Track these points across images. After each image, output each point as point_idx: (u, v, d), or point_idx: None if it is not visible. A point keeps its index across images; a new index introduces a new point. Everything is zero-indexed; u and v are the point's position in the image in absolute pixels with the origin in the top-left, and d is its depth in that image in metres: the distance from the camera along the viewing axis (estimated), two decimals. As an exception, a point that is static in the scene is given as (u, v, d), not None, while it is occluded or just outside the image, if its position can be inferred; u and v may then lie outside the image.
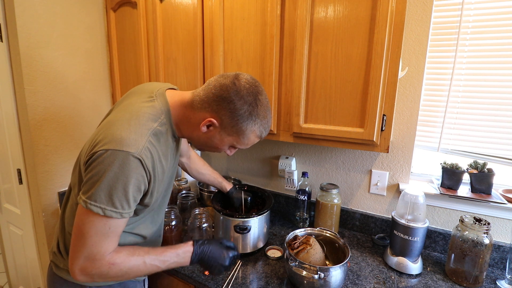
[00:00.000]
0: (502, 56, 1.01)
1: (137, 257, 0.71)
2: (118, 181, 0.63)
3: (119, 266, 0.68)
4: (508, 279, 0.96)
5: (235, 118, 0.71)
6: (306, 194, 1.32)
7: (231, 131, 0.73)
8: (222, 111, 0.70)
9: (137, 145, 0.65)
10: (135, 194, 0.67)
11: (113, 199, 0.64)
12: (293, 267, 0.91)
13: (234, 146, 0.79)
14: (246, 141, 0.76)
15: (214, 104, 0.71)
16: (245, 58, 1.13)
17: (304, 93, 1.02)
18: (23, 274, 1.75)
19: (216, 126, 0.72)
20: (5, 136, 1.49)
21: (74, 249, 0.66)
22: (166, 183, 0.84)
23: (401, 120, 1.18)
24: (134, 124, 0.68)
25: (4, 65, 1.34)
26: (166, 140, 0.75)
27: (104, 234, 0.66)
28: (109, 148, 0.63)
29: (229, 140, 0.76)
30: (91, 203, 0.63)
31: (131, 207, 0.67)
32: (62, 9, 1.40)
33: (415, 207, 1.01)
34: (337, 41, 0.94)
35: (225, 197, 1.21)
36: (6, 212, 1.67)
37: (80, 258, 0.66)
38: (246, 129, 0.73)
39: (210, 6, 1.16)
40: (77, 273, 0.66)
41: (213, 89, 0.71)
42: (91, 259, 0.66)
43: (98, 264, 0.66)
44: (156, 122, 0.71)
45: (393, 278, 1.00)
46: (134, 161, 0.64)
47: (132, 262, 0.70)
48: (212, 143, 0.77)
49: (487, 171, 1.07)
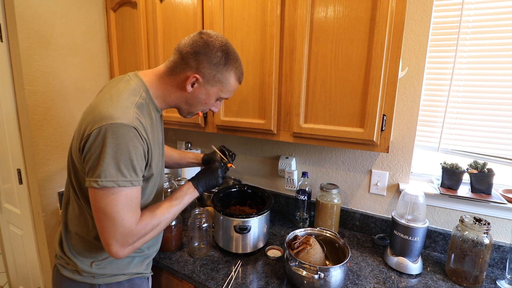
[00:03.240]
0: (502, 56, 1.01)
1: (160, 210, 0.78)
2: (121, 152, 0.65)
3: (150, 223, 0.74)
4: (508, 279, 0.96)
5: (214, 67, 0.76)
6: (306, 194, 1.32)
7: (214, 82, 0.79)
8: (201, 64, 0.75)
9: (127, 116, 0.68)
10: (140, 162, 0.70)
11: (122, 169, 0.66)
12: (293, 267, 0.91)
13: (220, 97, 0.84)
14: (229, 87, 0.82)
15: (192, 61, 0.75)
16: (245, 58, 1.13)
17: (304, 93, 1.02)
18: (23, 274, 1.75)
19: (199, 81, 0.77)
20: (5, 136, 1.49)
21: (106, 232, 0.68)
22: (159, 158, 0.86)
23: (401, 120, 1.18)
24: (117, 101, 0.70)
25: (4, 65, 1.34)
26: (149, 113, 0.78)
27: (128, 206, 0.69)
28: (101, 125, 0.65)
29: (215, 92, 0.81)
30: (102, 180, 0.65)
31: (138, 176, 0.70)
32: (62, 9, 1.40)
33: (415, 207, 1.01)
34: (337, 41, 0.94)
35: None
36: (6, 212, 1.67)
37: (116, 237, 0.68)
38: (226, 75, 0.79)
39: (210, 6, 1.17)
40: (120, 251, 0.69)
41: (186, 48, 0.76)
42: (126, 232, 0.69)
43: (134, 233, 0.70)
44: (136, 96, 0.74)
45: (393, 278, 1.00)
46: (130, 130, 0.67)
47: (158, 215, 0.77)
48: (200, 100, 0.81)
49: (487, 171, 1.07)
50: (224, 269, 1.04)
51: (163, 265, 1.08)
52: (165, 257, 1.11)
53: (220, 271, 1.03)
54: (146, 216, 0.75)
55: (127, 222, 0.69)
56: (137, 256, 0.88)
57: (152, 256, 0.96)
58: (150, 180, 0.81)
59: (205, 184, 0.91)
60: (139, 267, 0.89)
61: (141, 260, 0.90)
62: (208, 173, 0.93)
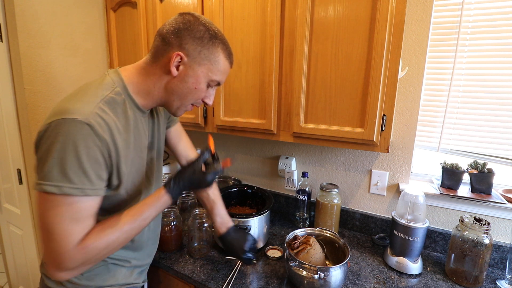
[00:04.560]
0: (502, 56, 1.01)
1: (111, 229, 0.64)
2: (67, 152, 0.55)
3: (95, 246, 0.61)
4: (508, 279, 0.96)
5: (198, 41, 0.68)
6: (306, 194, 1.32)
7: (200, 59, 0.69)
8: (184, 40, 0.67)
9: (83, 111, 0.58)
10: (94, 166, 0.59)
11: (68, 173, 0.56)
12: (293, 267, 0.91)
13: (211, 80, 0.72)
14: (219, 66, 0.72)
15: (173, 39, 0.67)
16: (245, 58, 1.13)
17: (304, 93, 1.02)
18: (23, 274, 1.75)
19: (184, 60, 0.68)
20: (5, 136, 1.49)
21: (43, 246, 0.59)
22: (138, 164, 0.75)
23: (401, 120, 1.18)
24: (81, 95, 0.62)
25: (4, 65, 1.34)
26: (124, 111, 0.68)
27: (71, 218, 0.58)
28: (52, 120, 0.57)
29: (203, 72, 0.70)
30: (44, 183, 0.55)
31: (93, 183, 0.59)
32: (62, 9, 1.40)
33: (415, 207, 1.01)
34: (337, 41, 0.94)
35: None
36: (6, 212, 1.67)
37: (51, 254, 0.58)
38: (213, 51, 0.70)
39: (210, 6, 1.17)
40: (57, 273, 0.60)
41: (166, 28, 0.68)
42: (62, 252, 0.58)
43: (70, 255, 0.58)
44: (108, 91, 0.66)
45: (393, 278, 1.00)
46: (81, 127, 0.57)
47: (108, 236, 0.63)
48: (189, 85, 0.70)
49: (487, 171, 1.07)
50: (224, 269, 1.04)
51: (163, 265, 1.08)
52: (165, 257, 1.11)
53: (220, 271, 1.03)
54: (91, 235, 0.61)
55: (66, 239, 0.57)
56: (123, 267, 0.81)
57: (143, 267, 0.89)
58: (119, 189, 0.69)
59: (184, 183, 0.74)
60: (128, 277, 0.82)
61: (130, 270, 0.83)
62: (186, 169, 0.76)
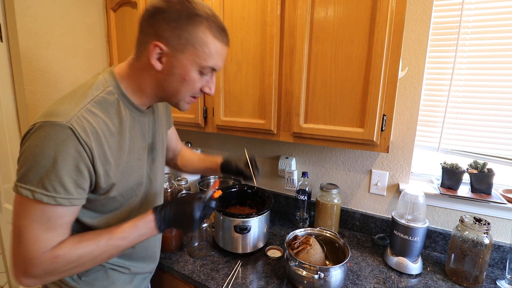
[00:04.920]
0: (502, 56, 1.01)
1: (87, 242, 0.61)
2: (44, 157, 0.53)
3: (65, 257, 0.58)
4: (508, 279, 0.96)
5: (175, 25, 0.59)
6: (306, 194, 1.32)
7: (182, 45, 0.61)
8: (159, 28, 0.60)
9: (66, 114, 0.55)
10: (73, 175, 0.56)
11: (43, 179, 0.54)
12: (293, 267, 0.91)
13: (202, 67, 0.64)
14: (206, 49, 0.62)
15: (149, 28, 0.61)
16: (245, 58, 1.13)
17: (304, 93, 1.02)
18: (23, 274, 1.75)
19: (165, 51, 0.61)
20: (5, 136, 1.49)
21: (12, 248, 0.57)
22: (135, 166, 0.71)
23: (401, 120, 1.18)
24: (70, 97, 0.60)
25: (4, 65, 1.34)
26: (118, 111, 0.65)
27: (42, 225, 0.56)
28: (37, 121, 0.55)
29: (190, 59, 0.62)
30: (20, 185, 0.54)
31: (69, 192, 0.56)
32: (62, 9, 1.40)
33: (415, 207, 1.01)
34: (337, 41, 0.94)
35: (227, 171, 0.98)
36: (6, 212, 1.67)
37: (17, 259, 0.56)
38: (196, 31, 0.60)
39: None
40: (22, 279, 0.57)
41: (142, 18, 0.63)
42: (28, 258, 0.56)
43: (37, 262, 0.56)
44: (98, 91, 0.62)
45: (393, 278, 1.00)
46: (63, 131, 0.54)
47: (81, 249, 0.59)
48: (177, 77, 0.64)
49: (487, 171, 1.07)
50: (224, 269, 1.04)
51: (163, 265, 1.08)
52: (165, 257, 1.11)
53: (220, 271, 1.03)
54: (64, 245, 0.58)
55: (33, 244, 0.55)
56: (123, 273, 0.79)
57: (144, 275, 0.86)
58: (111, 192, 0.65)
59: (173, 223, 0.69)
60: (127, 284, 0.80)
61: (130, 277, 0.81)
62: (180, 210, 0.69)
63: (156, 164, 0.81)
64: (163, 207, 0.69)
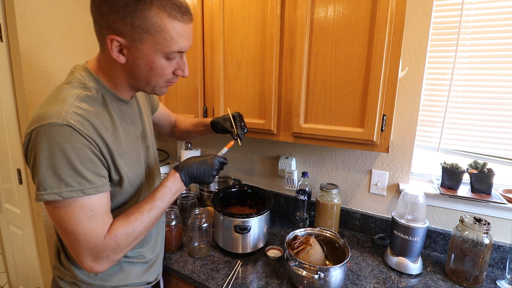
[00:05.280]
0: (502, 56, 1.01)
1: (134, 215, 0.66)
2: (56, 157, 0.54)
3: (123, 233, 0.63)
4: (508, 279, 0.96)
5: (124, 13, 0.55)
6: (306, 194, 1.32)
7: (138, 35, 0.57)
8: (109, 19, 0.56)
9: (59, 113, 0.56)
10: (89, 165, 0.58)
11: (63, 178, 0.55)
12: (293, 267, 0.91)
13: (167, 53, 0.62)
14: (166, 34, 0.59)
15: (100, 20, 0.58)
16: (245, 58, 1.13)
17: (304, 93, 1.02)
18: (23, 274, 1.75)
19: (122, 43, 0.58)
20: (5, 136, 1.49)
21: (72, 248, 0.61)
22: (135, 156, 0.74)
23: (401, 120, 1.18)
24: (53, 98, 0.60)
25: (4, 65, 1.34)
26: (105, 105, 0.65)
27: (87, 217, 0.59)
28: (31, 129, 0.56)
29: (151, 48, 0.60)
30: (42, 193, 0.55)
31: (91, 181, 0.59)
32: (62, 9, 1.40)
33: (415, 207, 1.01)
34: (337, 41, 0.94)
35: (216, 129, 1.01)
36: (6, 212, 1.67)
37: (84, 253, 0.60)
38: (148, 16, 0.56)
39: (210, 6, 1.16)
40: (94, 267, 0.62)
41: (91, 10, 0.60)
42: (93, 247, 0.60)
43: (103, 247, 0.61)
44: (79, 89, 0.62)
45: (393, 278, 1.00)
46: (64, 129, 0.55)
47: (132, 222, 0.65)
48: (143, 68, 0.62)
49: (487, 171, 1.07)
50: (224, 269, 1.04)
51: (163, 265, 1.08)
52: (165, 257, 1.11)
53: (220, 271, 1.03)
54: (117, 225, 0.63)
55: (91, 236, 0.59)
56: (137, 264, 0.81)
57: (155, 262, 0.88)
58: (122, 184, 0.69)
59: (195, 178, 0.77)
60: (141, 276, 0.82)
61: (144, 268, 0.83)
62: (202, 165, 0.77)
63: (150, 151, 0.85)
64: (184, 165, 0.76)
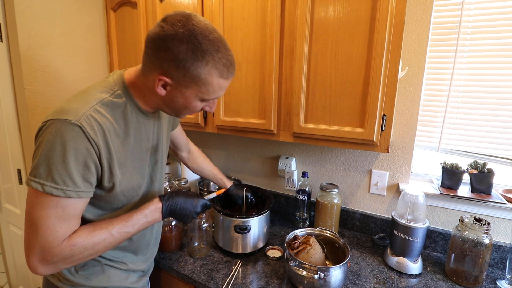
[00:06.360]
0: (502, 56, 1.01)
1: (101, 231, 0.65)
2: (54, 152, 0.57)
3: (82, 245, 0.62)
4: (508, 279, 0.96)
5: (180, 65, 0.61)
6: (306, 194, 1.32)
7: (186, 82, 0.64)
8: (165, 63, 0.62)
9: (76, 112, 0.59)
10: (81, 169, 0.60)
11: (53, 172, 0.57)
12: (293, 267, 0.91)
13: (203, 99, 0.68)
14: (210, 88, 0.66)
15: (155, 61, 0.63)
16: (245, 58, 1.13)
17: (304, 93, 1.02)
18: (23, 274, 1.75)
19: (169, 83, 0.64)
20: (5, 136, 1.49)
21: (27, 241, 0.60)
22: (138, 167, 0.76)
23: (401, 120, 1.18)
24: (80, 96, 0.64)
25: (4, 65, 1.34)
26: (125, 114, 0.69)
27: (58, 216, 0.59)
28: (48, 119, 0.59)
29: (192, 94, 0.66)
30: (31, 178, 0.58)
31: (77, 185, 0.60)
32: (62, 9, 1.40)
33: (415, 207, 1.01)
34: (337, 41, 0.94)
35: (226, 196, 1.18)
36: (6, 212, 1.67)
37: (35, 249, 0.59)
38: (200, 74, 0.63)
39: (210, 6, 1.16)
40: (38, 266, 0.60)
41: (148, 43, 0.64)
42: (47, 247, 0.59)
43: (56, 250, 0.60)
44: (107, 94, 0.66)
45: (393, 278, 1.00)
46: (73, 129, 0.58)
47: (96, 237, 0.64)
48: (179, 104, 0.69)
49: (487, 171, 1.07)
50: (224, 269, 1.04)
51: (163, 265, 1.08)
52: (165, 257, 1.11)
53: (220, 271, 1.03)
54: (80, 234, 0.63)
55: (51, 235, 0.59)
56: (118, 269, 0.80)
57: (138, 273, 0.87)
58: (112, 191, 0.69)
59: (175, 214, 0.78)
60: (123, 281, 0.82)
61: (126, 274, 0.82)
62: (186, 205, 0.80)
63: (158, 165, 0.85)
64: (170, 198, 0.78)
